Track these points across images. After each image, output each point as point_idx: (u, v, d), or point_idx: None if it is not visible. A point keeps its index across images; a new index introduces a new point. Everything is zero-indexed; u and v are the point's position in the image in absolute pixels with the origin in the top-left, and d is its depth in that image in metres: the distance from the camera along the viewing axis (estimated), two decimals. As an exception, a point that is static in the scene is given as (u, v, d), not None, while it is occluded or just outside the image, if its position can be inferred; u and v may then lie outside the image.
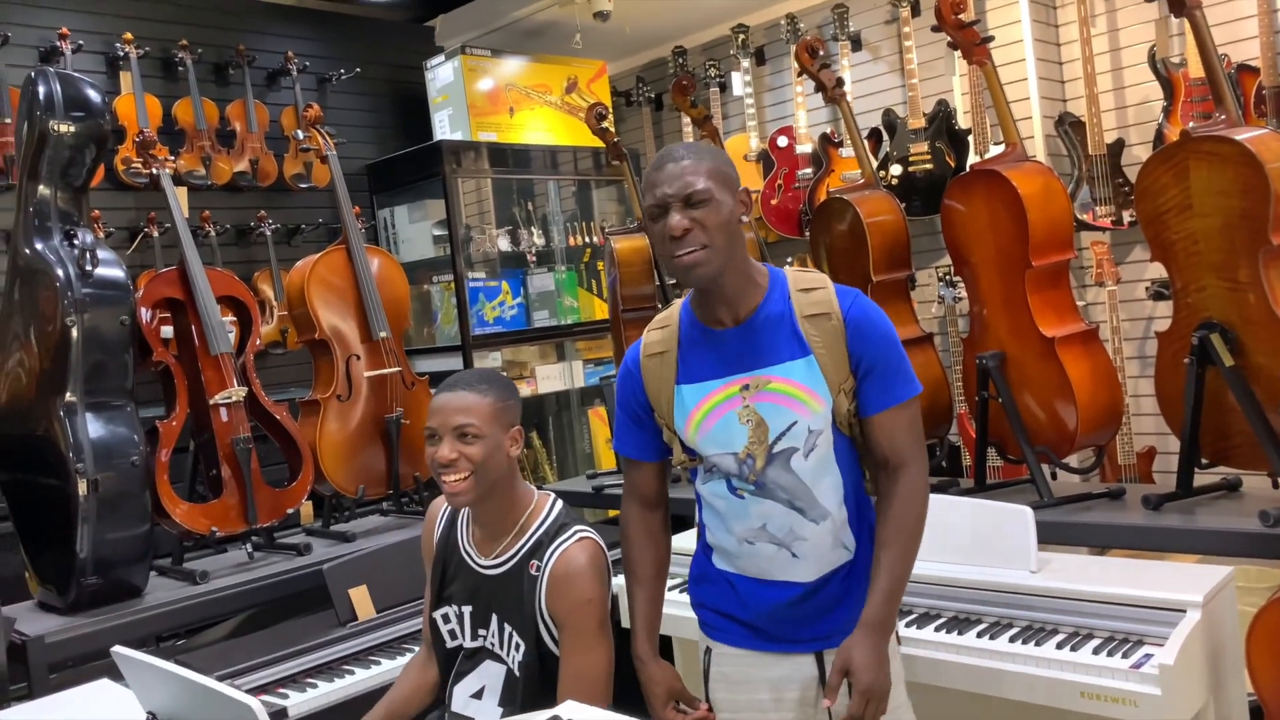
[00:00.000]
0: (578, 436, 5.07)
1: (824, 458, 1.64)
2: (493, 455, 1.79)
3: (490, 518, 1.88)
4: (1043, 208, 2.47)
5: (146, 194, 4.05)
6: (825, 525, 1.66)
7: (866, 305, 1.65)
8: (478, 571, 1.90)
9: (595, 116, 3.69)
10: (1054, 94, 3.91)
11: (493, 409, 1.80)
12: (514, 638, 1.85)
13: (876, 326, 1.63)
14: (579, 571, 1.79)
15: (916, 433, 1.65)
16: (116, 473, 2.50)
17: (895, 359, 1.64)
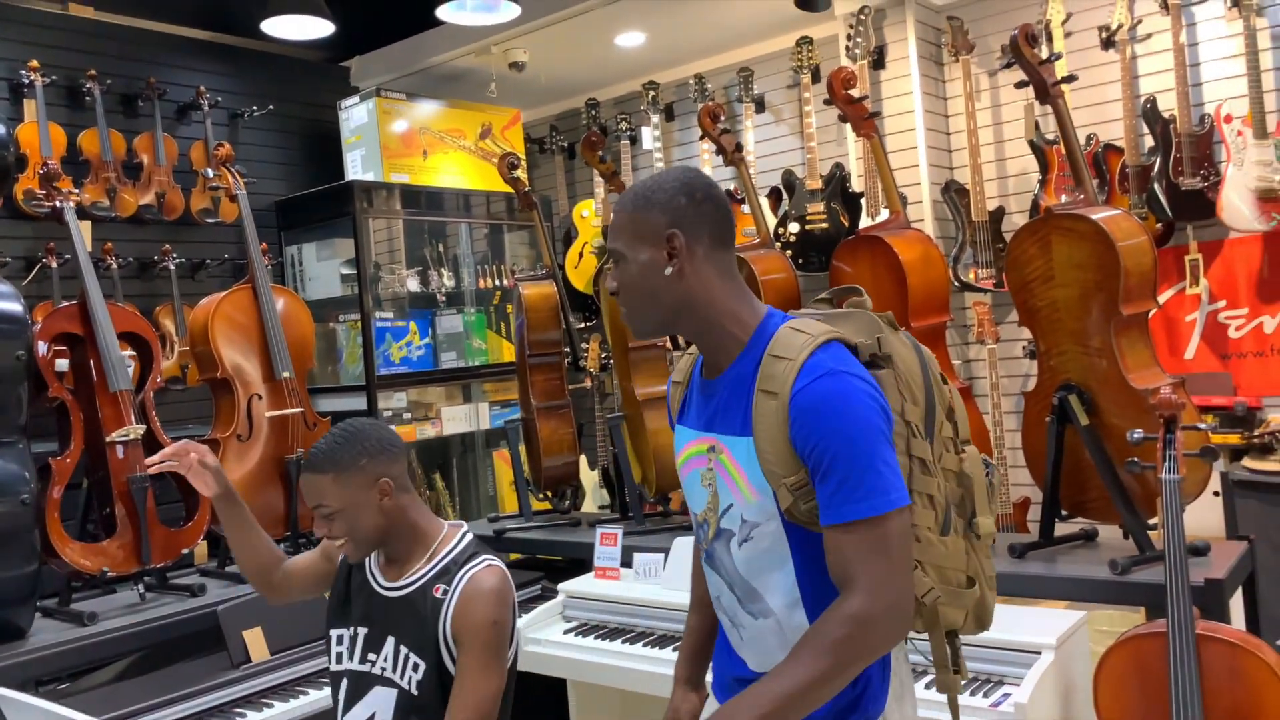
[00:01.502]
0: (482, 479, 5.10)
1: (765, 552, 1.42)
2: (358, 519, 1.86)
3: (396, 551, 1.95)
4: (922, 273, 2.66)
5: (46, 224, 3.97)
6: (766, 623, 1.45)
7: (823, 390, 1.34)
8: (379, 593, 1.95)
9: (508, 165, 3.78)
10: (941, 162, 4.16)
11: (337, 482, 1.85)
12: (411, 658, 1.89)
13: (824, 419, 1.33)
14: (486, 594, 1.84)
15: (869, 557, 1.31)
16: (5, 510, 2.46)
17: (845, 465, 1.31)
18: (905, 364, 1.44)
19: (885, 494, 1.32)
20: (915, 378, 1.44)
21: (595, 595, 2.77)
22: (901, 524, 1.33)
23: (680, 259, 1.42)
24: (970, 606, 1.47)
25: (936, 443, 1.45)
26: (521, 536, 3.43)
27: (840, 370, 1.35)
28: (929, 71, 4.13)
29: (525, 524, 3.49)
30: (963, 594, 1.45)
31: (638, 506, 3.26)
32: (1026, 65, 2.50)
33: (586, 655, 2.60)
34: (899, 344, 1.46)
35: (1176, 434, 2.10)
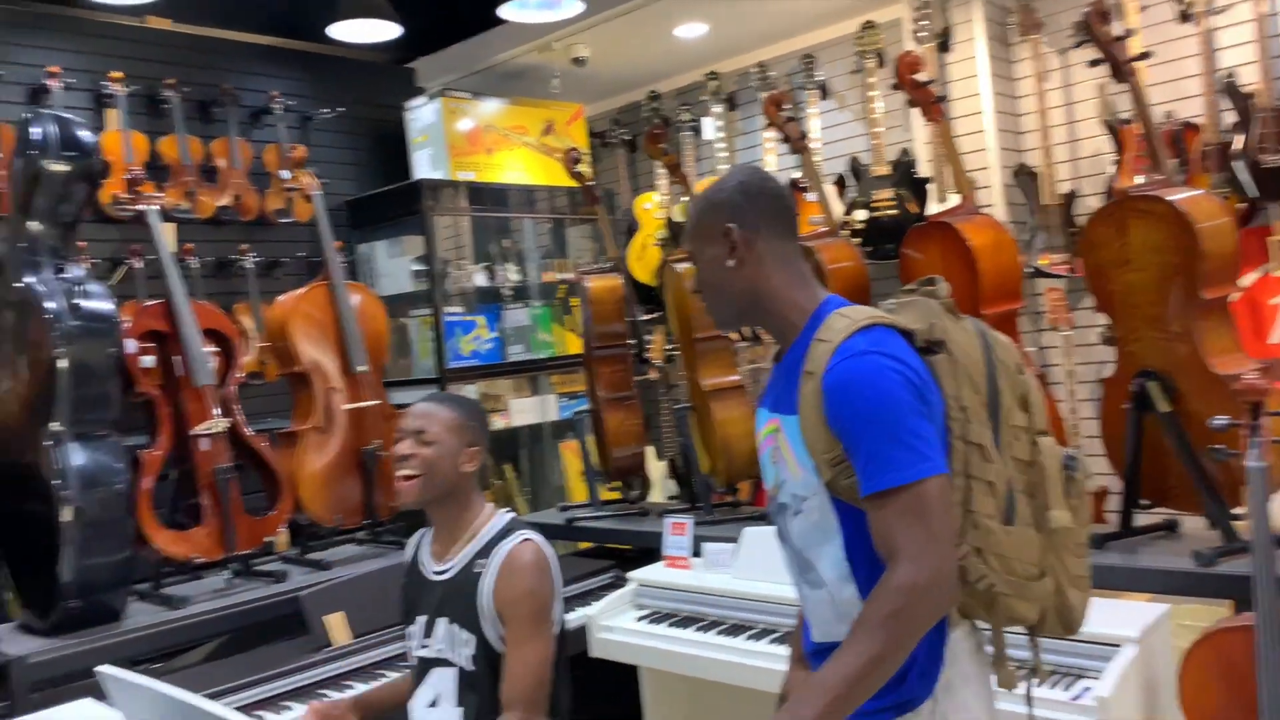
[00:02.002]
0: (550, 469, 5.16)
1: (816, 526, 1.46)
2: (442, 461, 1.99)
3: (444, 526, 2.07)
4: (993, 259, 2.62)
5: (130, 227, 4.12)
6: (821, 594, 1.49)
7: (850, 369, 1.38)
8: (430, 580, 2.07)
9: (571, 160, 3.82)
10: (1011, 145, 4.09)
11: (451, 422, 2.01)
12: (462, 633, 2.00)
13: (851, 397, 1.37)
14: (522, 566, 1.97)
15: (907, 525, 1.33)
16: (100, 500, 2.57)
17: (871, 439, 1.35)
18: (963, 351, 1.46)
19: (912, 464, 1.34)
20: (975, 364, 1.46)
21: (666, 584, 2.79)
22: (934, 492, 1.34)
23: (739, 252, 1.50)
24: (1045, 602, 1.46)
25: (1004, 430, 1.46)
26: (591, 525, 3.47)
27: (870, 351, 1.39)
28: (997, 53, 4.06)
29: (595, 513, 3.53)
30: (1030, 587, 1.44)
31: (706, 496, 3.28)
32: (1099, 43, 2.44)
33: (659, 643, 2.63)
34: (957, 331, 1.48)
35: (1262, 420, 2.04)
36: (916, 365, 1.41)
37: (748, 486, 3.53)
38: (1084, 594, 1.50)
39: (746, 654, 2.46)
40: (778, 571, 2.32)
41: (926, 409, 1.38)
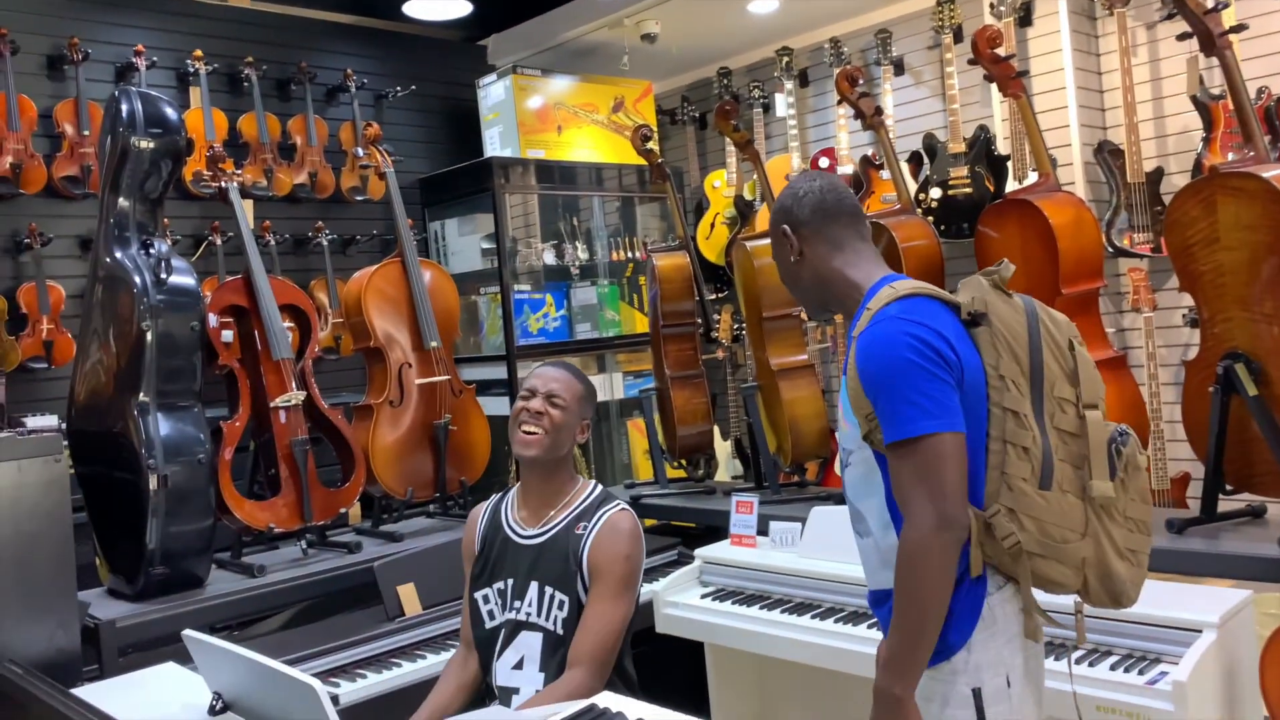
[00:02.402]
0: (616, 447, 5.19)
1: (862, 478, 1.60)
2: (567, 426, 2.09)
3: (539, 490, 2.13)
4: (1073, 237, 2.55)
5: (211, 204, 4.23)
6: (867, 542, 1.64)
7: (871, 335, 1.53)
8: (521, 544, 2.11)
9: (640, 138, 3.81)
10: (1094, 122, 3.96)
11: (581, 394, 2.13)
12: (556, 596, 2.04)
13: (869, 360, 1.52)
14: (623, 532, 2.06)
15: (913, 480, 1.47)
16: (184, 469, 2.66)
17: (884, 398, 1.50)
18: (1005, 323, 1.56)
19: (914, 420, 1.46)
20: (1018, 337, 1.56)
21: (732, 561, 2.79)
22: (937, 447, 1.45)
23: (797, 247, 1.70)
24: (1084, 568, 1.53)
25: (1048, 400, 1.54)
26: (657, 503, 3.48)
27: (895, 316, 1.52)
28: (1080, 27, 3.93)
29: (661, 491, 3.54)
30: (1063, 550, 1.51)
31: (773, 476, 3.26)
32: (1190, 15, 2.35)
33: (724, 620, 2.63)
34: (1003, 306, 1.58)
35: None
36: (948, 332, 1.52)
37: (815, 466, 3.51)
38: (1134, 568, 1.55)
39: (812, 632, 2.45)
40: (844, 551, 2.33)
41: (947, 372, 1.48)
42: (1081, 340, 1.61)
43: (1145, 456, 1.58)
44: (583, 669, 1.96)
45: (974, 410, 1.53)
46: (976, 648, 1.52)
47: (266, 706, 1.77)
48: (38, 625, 2.18)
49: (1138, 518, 1.55)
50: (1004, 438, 1.52)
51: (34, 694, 1.89)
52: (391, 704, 2.40)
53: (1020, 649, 1.57)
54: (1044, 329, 1.58)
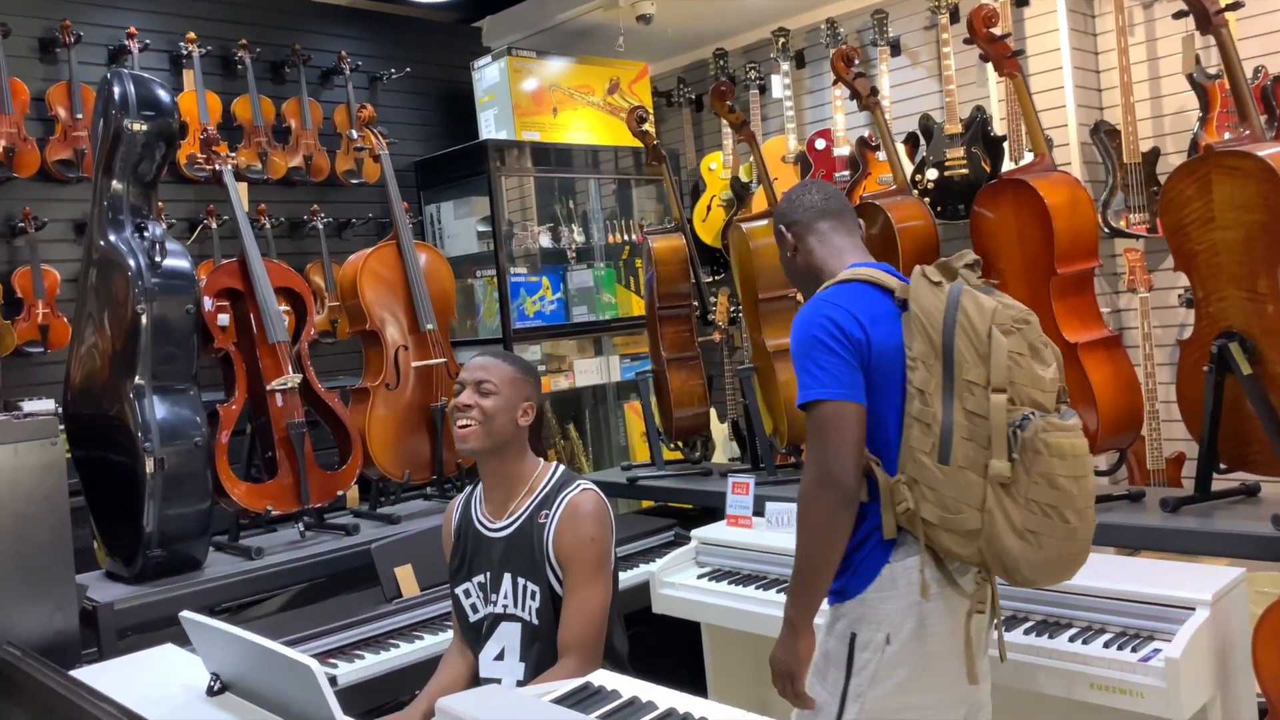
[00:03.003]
0: (613, 429, 5.20)
1: None
2: (502, 412, 2.04)
3: (498, 482, 2.11)
4: (1069, 217, 2.55)
5: (206, 187, 4.22)
6: None
7: (798, 314, 1.80)
8: (490, 536, 2.10)
9: (636, 119, 3.80)
10: (1090, 102, 3.95)
11: (510, 376, 2.07)
12: (528, 587, 2.04)
13: (792, 335, 1.78)
14: (584, 515, 2.03)
15: (809, 439, 1.70)
16: (181, 452, 2.66)
17: (796, 367, 1.74)
18: (924, 309, 1.71)
19: (808, 388, 1.69)
20: (934, 322, 1.69)
21: (728, 542, 2.80)
22: (825, 414, 1.67)
23: (792, 243, 1.96)
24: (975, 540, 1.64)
25: (957, 382, 1.66)
26: (654, 484, 3.49)
27: (820, 298, 1.79)
28: (1077, 6, 3.91)
29: (658, 473, 3.55)
30: (955, 521, 1.65)
31: (769, 457, 3.27)
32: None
33: (720, 600, 2.64)
34: (924, 292, 1.72)
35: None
36: (864, 315, 1.73)
37: (811, 448, 3.51)
38: (1032, 548, 1.63)
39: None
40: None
41: (849, 350, 1.69)
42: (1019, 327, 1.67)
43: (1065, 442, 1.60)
44: (573, 656, 1.97)
45: (887, 385, 1.71)
46: (867, 603, 1.72)
47: (264, 687, 1.77)
48: (36, 608, 2.18)
49: (1043, 501, 1.60)
50: (911, 413, 1.68)
51: (33, 676, 1.90)
52: (389, 684, 2.42)
53: (916, 615, 1.70)
54: (962, 315, 1.67)
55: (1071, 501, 1.61)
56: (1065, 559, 1.65)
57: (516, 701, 1.45)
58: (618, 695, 1.49)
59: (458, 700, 1.39)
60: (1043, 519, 1.61)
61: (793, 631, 1.73)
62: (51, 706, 1.80)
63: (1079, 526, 1.62)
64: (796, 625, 1.73)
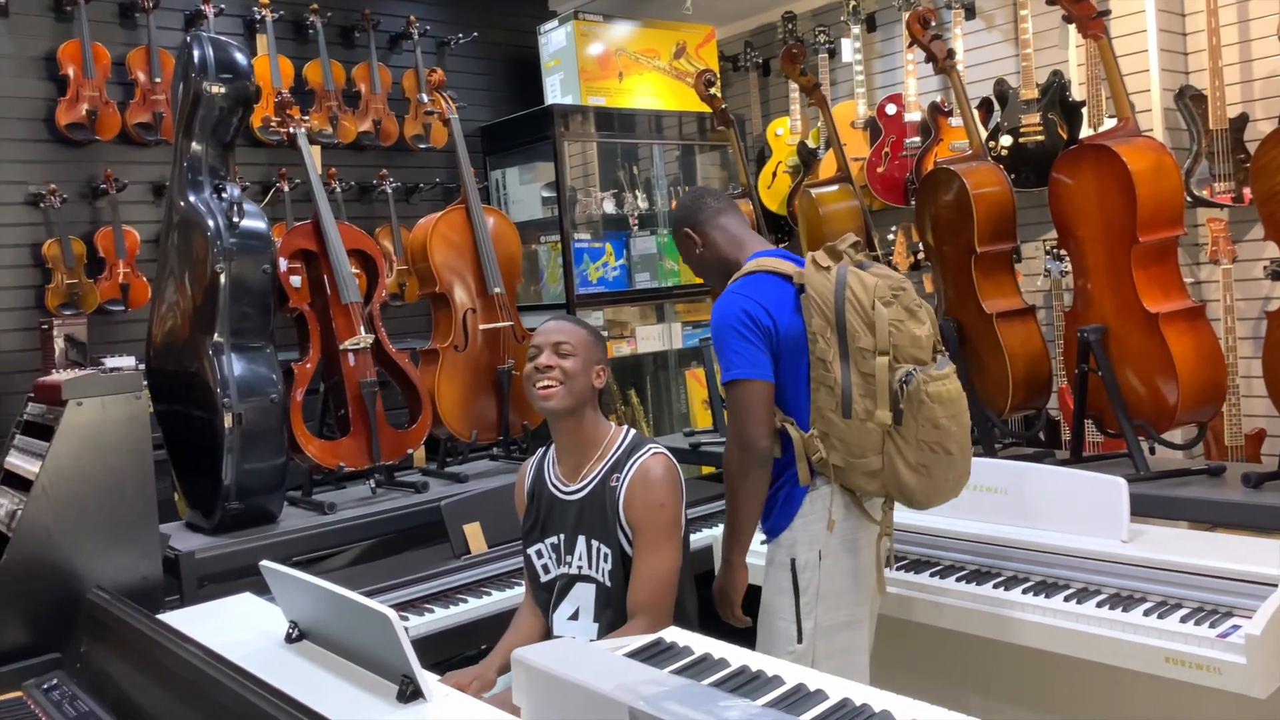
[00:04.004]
0: (674, 396, 5.20)
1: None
2: (581, 373, 2.08)
3: (572, 445, 2.13)
4: (1153, 184, 2.47)
5: (278, 150, 4.30)
6: None
7: (716, 305, 2.05)
8: (565, 500, 2.13)
9: (704, 83, 3.76)
10: (1175, 66, 3.82)
11: (585, 339, 2.12)
12: (601, 549, 2.07)
13: (712, 324, 2.04)
14: (655, 479, 2.05)
15: (730, 413, 2.02)
16: (257, 408, 2.73)
17: (716, 352, 2.03)
18: (818, 291, 1.98)
19: (726, 370, 1.98)
20: (827, 301, 1.96)
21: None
22: (743, 391, 1.97)
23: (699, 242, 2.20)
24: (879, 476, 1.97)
25: (851, 349, 1.94)
26: (716, 451, 3.49)
27: (731, 291, 2.04)
28: (1164, -35, 3.77)
29: (720, 438, 3.55)
30: (859, 463, 1.97)
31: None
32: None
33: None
34: (815, 276, 1.99)
35: None
36: (769, 302, 1.99)
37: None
38: (924, 479, 1.95)
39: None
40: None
41: (758, 336, 1.97)
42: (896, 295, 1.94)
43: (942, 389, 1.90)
44: (642, 617, 1.99)
45: (797, 359, 1.99)
46: (796, 529, 2.02)
47: (342, 635, 1.83)
48: (123, 555, 2.26)
49: (929, 440, 1.91)
50: (816, 379, 1.97)
51: (122, 618, 1.97)
52: (458, 638, 2.47)
53: (835, 535, 2.03)
54: (849, 293, 1.95)
55: (952, 437, 1.92)
56: (950, 484, 1.98)
57: (591, 654, 1.47)
58: (690, 651, 1.50)
59: (533, 651, 1.42)
60: (930, 454, 1.92)
61: (730, 568, 2.08)
62: (139, 647, 1.87)
63: (959, 457, 1.94)
64: (733, 562, 2.07)
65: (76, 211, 3.93)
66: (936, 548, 2.47)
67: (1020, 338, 2.79)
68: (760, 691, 1.37)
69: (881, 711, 1.31)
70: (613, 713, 1.26)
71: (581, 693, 1.30)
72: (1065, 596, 2.13)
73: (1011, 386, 2.74)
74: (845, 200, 3.28)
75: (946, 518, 2.45)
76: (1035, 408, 2.89)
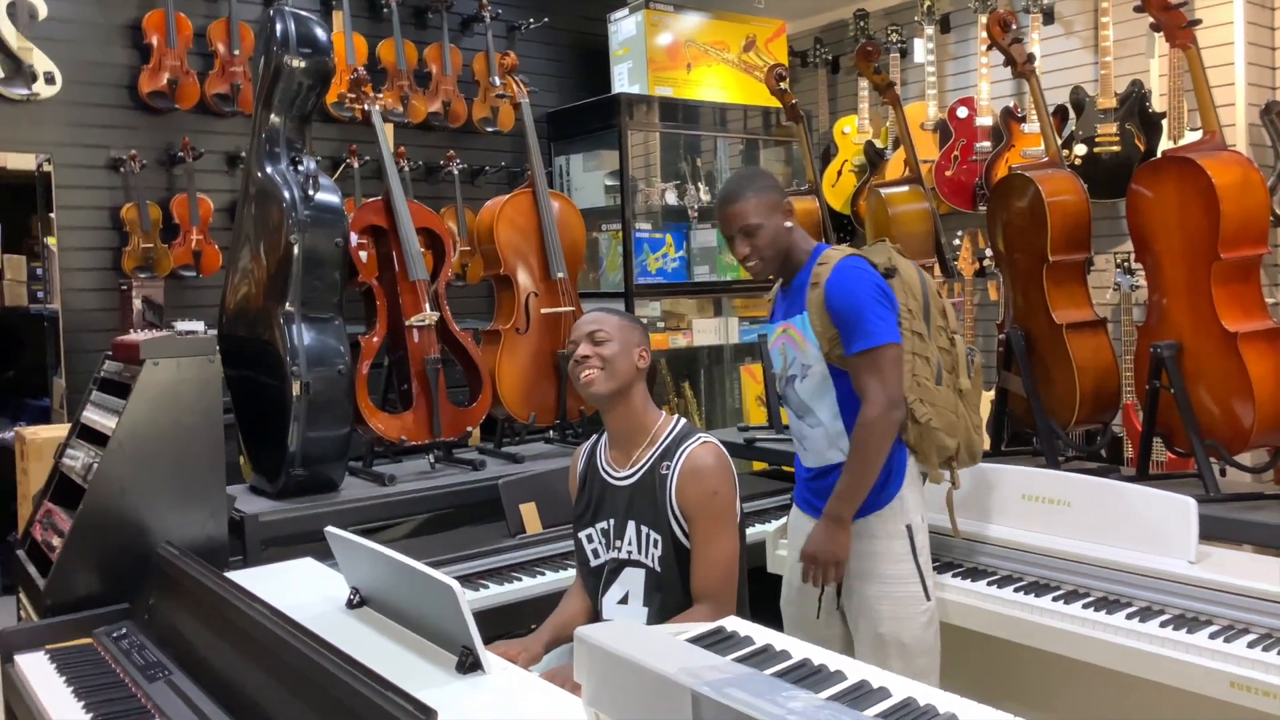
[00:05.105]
0: (728, 391, 5.20)
1: (817, 385, 2.20)
2: (620, 356, 2.09)
3: (622, 430, 2.14)
4: (1238, 200, 2.42)
5: (348, 127, 4.35)
6: (819, 431, 2.23)
7: (839, 275, 2.13)
8: (616, 485, 2.14)
9: (775, 77, 3.75)
10: (1262, 80, 3.73)
11: (620, 324, 2.13)
12: (651, 536, 2.07)
13: (838, 294, 2.13)
14: (706, 468, 2.05)
15: (873, 375, 2.10)
16: (325, 378, 2.77)
17: (853, 318, 2.10)
18: (907, 276, 2.24)
19: (875, 335, 2.09)
20: (915, 287, 2.23)
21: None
22: (889, 353, 2.10)
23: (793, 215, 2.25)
24: (961, 439, 2.24)
25: (933, 327, 2.25)
26: (770, 447, 3.48)
27: (853, 266, 2.16)
28: (1256, -23, 3.69)
29: (775, 435, 3.54)
30: (954, 424, 2.23)
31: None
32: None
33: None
34: (904, 265, 2.25)
35: None
36: (880, 279, 2.17)
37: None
38: (982, 438, 2.32)
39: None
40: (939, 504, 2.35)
41: (889, 305, 2.14)
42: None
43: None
44: (708, 604, 2.00)
45: None
46: (904, 498, 2.18)
47: (403, 603, 1.85)
48: (192, 512, 2.32)
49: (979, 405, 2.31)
50: (912, 350, 2.18)
51: (189, 573, 2.02)
52: (511, 614, 2.50)
53: (922, 499, 2.23)
54: (927, 281, 2.27)
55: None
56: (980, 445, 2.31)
57: (653, 637, 1.48)
58: (751, 641, 1.50)
59: (596, 630, 1.43)
60: (981, 416, 2.31)
61: (842, 527, 2.14)
62: (206, 602, 1.91)
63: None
64: (845, 521, 2.14)
65: (154, 177, 4.02)
66: (996, 557, 2.45)
67: (1090, 350, 2.75)
68: (823, 685, 1.37)
69: (947, 714, 1.30)
70: (675, 696, 1.26)
71: (645, 674, 1.31)
72: (1128, 614, 2.10)
73: (1079, 399, 2.70)
74: (916, 202, 3.25)
75: (1008, 527, 2.43)
76: (1101, 422, 2.85)
